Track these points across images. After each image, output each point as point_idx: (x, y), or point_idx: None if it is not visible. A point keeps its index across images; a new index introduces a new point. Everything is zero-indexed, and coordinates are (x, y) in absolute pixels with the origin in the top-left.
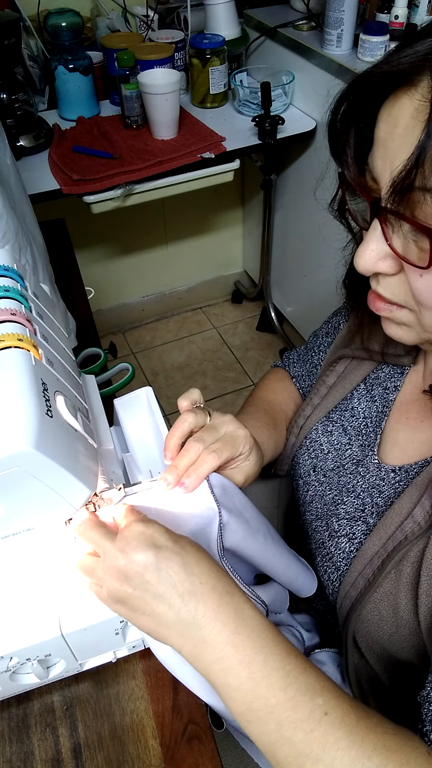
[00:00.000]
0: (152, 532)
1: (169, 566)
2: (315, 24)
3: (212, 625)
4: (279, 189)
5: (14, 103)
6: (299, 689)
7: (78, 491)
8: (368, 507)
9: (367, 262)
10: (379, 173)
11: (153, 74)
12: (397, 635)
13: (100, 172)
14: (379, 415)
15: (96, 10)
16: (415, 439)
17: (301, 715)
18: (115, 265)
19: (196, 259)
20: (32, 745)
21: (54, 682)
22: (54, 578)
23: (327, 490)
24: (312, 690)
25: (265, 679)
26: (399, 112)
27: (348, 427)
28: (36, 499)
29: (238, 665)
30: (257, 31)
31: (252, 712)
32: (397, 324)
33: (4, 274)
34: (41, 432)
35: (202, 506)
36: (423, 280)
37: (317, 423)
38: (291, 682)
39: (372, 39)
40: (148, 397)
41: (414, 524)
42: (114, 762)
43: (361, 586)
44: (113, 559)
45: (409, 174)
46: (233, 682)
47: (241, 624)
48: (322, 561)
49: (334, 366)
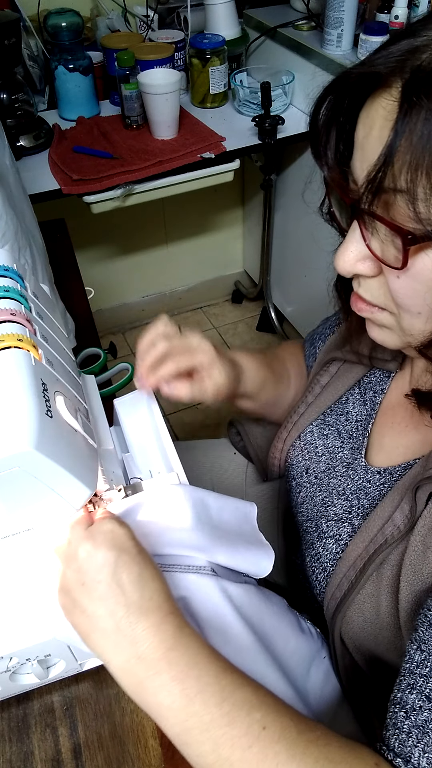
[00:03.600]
0: (121, 534)
1: (125, 572)
2: (315, 24)
3: (150, 641)
4: (279, 189)
5: (14, 103)
6: (235, 704)
7: (78, 491)
8: (355, 509)
9: (346, 263)
10: (358, 175)
11: (153, 74)
12: (381, 636)
13: (100, 172)
14: (366, 418)
15: (96, 10)
16: (400, 444)
17: (238, 731)
18: (115, 265)
19: (196, 259)
20: (32, 745)
21: (54, 682)
22: (54, 578)
23: (317, 491)
24: (249, 704)
25: (199, 695)
26: (374, 114)
27: (342, 431)
28: (36, 499)
29: (171, 681)
30: (257, 31)
31: (187, 732)
32: (379, 326)
33: (4, 274)
34: (41, 432)
35: (178, 519)
36: (400, 282)
37: (313, 425)
38: (226, 697)
39: (372, 39)
40: (148, 397)
41: (394, 528)
42: (114, 762)
43: (345, 588)
44: (76, 546)
45: (378, 174)
46: (166, 699)
47: (178, 641)
48: (311, 561)
49: (327, 367)
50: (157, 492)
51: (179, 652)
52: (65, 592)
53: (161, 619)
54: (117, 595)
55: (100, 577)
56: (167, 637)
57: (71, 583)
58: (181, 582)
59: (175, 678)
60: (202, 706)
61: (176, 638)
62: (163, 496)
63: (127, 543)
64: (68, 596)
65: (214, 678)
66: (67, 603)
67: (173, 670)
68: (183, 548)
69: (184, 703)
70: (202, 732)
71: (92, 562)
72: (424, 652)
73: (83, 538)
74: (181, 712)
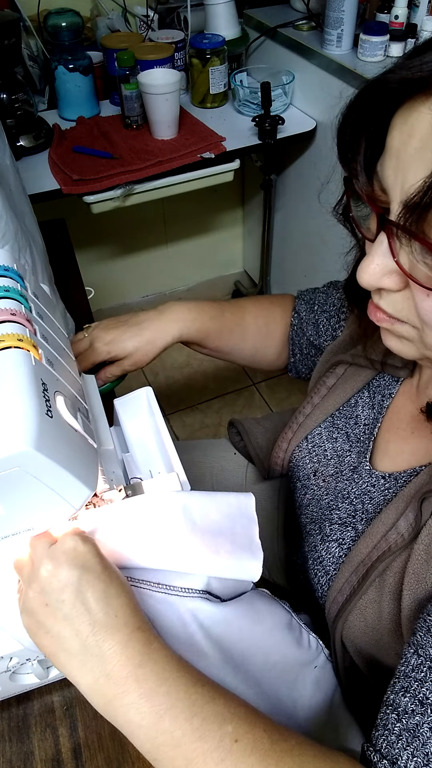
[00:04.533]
0: (84, 552)
1: (89, 591)
2: (315, 24)
3: (117, 659)
4: (279, 189)
5: (14, 103)
6: (206, 718)
7: (78, 491)
8: (359, 513)
9: (371, 277)
10: (389, 185)
11: (153, 74)
12: (382, 641)
13: (100, 172)
14: (373, 422)
15: (96, 10)
16: (405, 449)
17: (210, 745)
18: (115, 265)
19: (196, 259)
20: (32, 745)
21: (54, 682)
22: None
23: (324, 494)
24: (221, 717)
25: (168, 712)
26: (416, 122)
27: (350, 434)
28: (36, 499)
29: (140, 699)
30: (257, 31)
31: (158, 749)
32: (397, 337)
33: (4, 274)
34: (41, 432)
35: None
36: (430, 300)
37: (321, 427)
38: (197, 712)
39: (372, 39)
40: (148, 397)
41: (398, 535)
42: (114, 762)
43: (347, 593)
44: (38, 566)
45: (427, 193)
46: (135, 717)
47: (146, 657)
48: (313, 564)
49: (334, 369)
50: (134, 503)
51: (148, 668)
52: (29, 614)
53: (128, 636)
54: (81, 614)
55: (64, 597)
56: (135, 654)
57: (34, 604)
58: (148, 600)
59: (144, 695)
60: (172, 722)
61: (144, 654)
62: (141, 507)
63: (91, 560)
64: (32, 618)
65: (184, 692)
66: (31, 624)
67: (142, 688)
68: (159, 562)
69: (154, 720)
70: (174, 748)
71: (54, 582)
72: (420, 657)
73: (45, 557)
74: (151, 730)
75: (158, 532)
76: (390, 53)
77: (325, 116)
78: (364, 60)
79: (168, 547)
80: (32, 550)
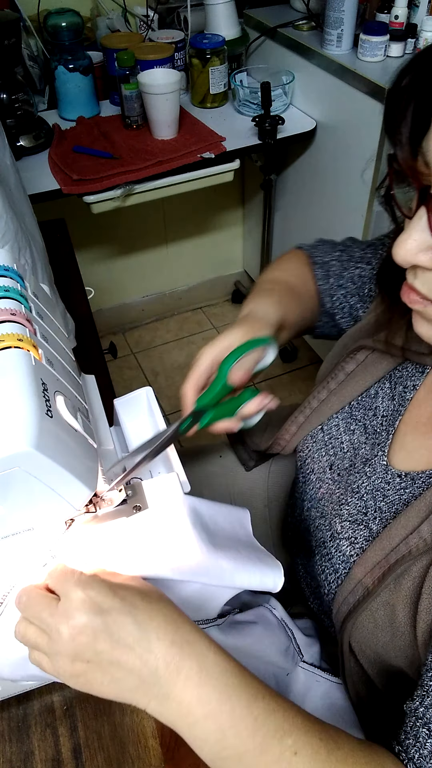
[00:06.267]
0: (94, 595)
1: (121, 629)
2: (315, 24)
3: (175, 681)
4: (279, 189)
5: (14, 103)
6: (267, 732)
7: (78, 491)
8: (371, 511)
9: (407, 253)
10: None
11: (153, 74)
12: (392, 645)
13: (100, 172)
14: (393, 414)
15: (96, 10)
16: (423, 446)
17: (271, 758)
18: (115, 265)
19: (196, 259)
20: (32, 745)
21: (54, 682)
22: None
23: (336, 488)
24: (281, 731)
25: (232, 729)
26: None
27: (368, 426)
28: (36, 499)
29: (204, 719)
30: (257, 31)
31: (222, 761)
32: (429, 322)
33: (4, 274)
34: (41, 432)
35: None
36: None
37: (338, 418)
38: (259, 727)
39: (372, 39)
40: (148, 397)
41: (419, 540)
42: (114, 762)
43: (359, 594)
44: (58, 637)
45: None
46: (200, 734)
47: (204, 675)
48: (321, 560)
49: (355, 354)
50: (139, 521)
51: (209, 686)
52: (74, 677)
53: (179, 656)
54: (125, 654)
55: (100, 647)
56: (192, 674)
57: (76, 670)
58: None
59: (208, 716)
60: (236, 739)
61: (201, 673)
62: (147, 523)
63: (106, 601)
64: (80, 679)
65: (247, 709)
66: (83, 684)
67: (204, 708)
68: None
69: (219, 738)
70: (237, 761)
71: (83, 639)
72: None
73: (58, 623)
74: (215, 746)
75: (170, 541)
76: (390, 53)
77: (325, 116)
78: (364, 60)
79: (183, 556)
80: (38, 623)
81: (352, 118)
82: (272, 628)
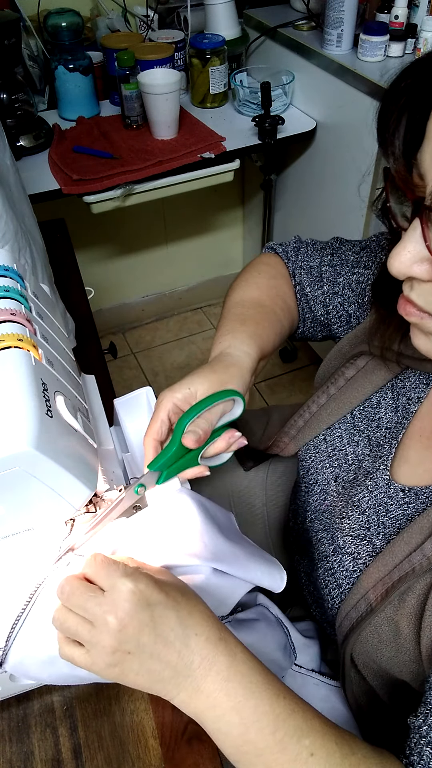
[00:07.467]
0: (143, 588)
1: (165, 624)
2: (315, 24)
3: (206, 674)
4: (279, 189)
5: (14, 103)
6: (287, 732)
7: (78, 491)
8: (374, 526)
9: (402, 264)
10: (426, 169)
11: (153, 74)
12: (397, 659)
13: (100, 172)
14: (397, 426)
15: (96, 10)
16: (426, 458)
17: (289, 757)
18: (115, 265)
19: (196, 259)
20: (32, 745)
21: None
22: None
23: (339, 501)
24: (300, 732)
25: (255, 725)
26: None
27: (372, 438)
28: (36, 499)
29: (230, 712)
30: (257, 31)
31: (242, 754)
32: (426, 335)
33: (4, 274)
34: (41, 432)
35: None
36: None
37: (341, 429)
38: (280, 725)
39: (372, 39)
40: (148, 397)
41: (423, 558)
42: (114, 762)
43: (362, 610)
44: (104, 626)
45: None
46: (224, 727)
47: (233, 671)
48: (324, 574)
49: (355, 360)
50: (165, 503)
51: (236, 681)
52: (110, 667)
53: (213, 651)
54: (165, 647)
55: (143, 639)
56: (222, 669)
57: (116, 659)
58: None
59: (233, 708)
60: (258, 734)
61: (230, 668)
62: (171, 507)
63: (153, 595)
64: (117, 668)
65: (269, 706)
66: (118, 674)
67: (231, 701)
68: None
69: (241, 732)
70: (256, 756)
71: (130, 630)
72: None
73: (107, 612)
74: (237, 739)
75: (182, 528)
76: (390, 53)
77: (325, 116)
78: (364, 60)
79: (198, 541)
80: (81, 612)
81: (352, 118)
82: (273, 625)
